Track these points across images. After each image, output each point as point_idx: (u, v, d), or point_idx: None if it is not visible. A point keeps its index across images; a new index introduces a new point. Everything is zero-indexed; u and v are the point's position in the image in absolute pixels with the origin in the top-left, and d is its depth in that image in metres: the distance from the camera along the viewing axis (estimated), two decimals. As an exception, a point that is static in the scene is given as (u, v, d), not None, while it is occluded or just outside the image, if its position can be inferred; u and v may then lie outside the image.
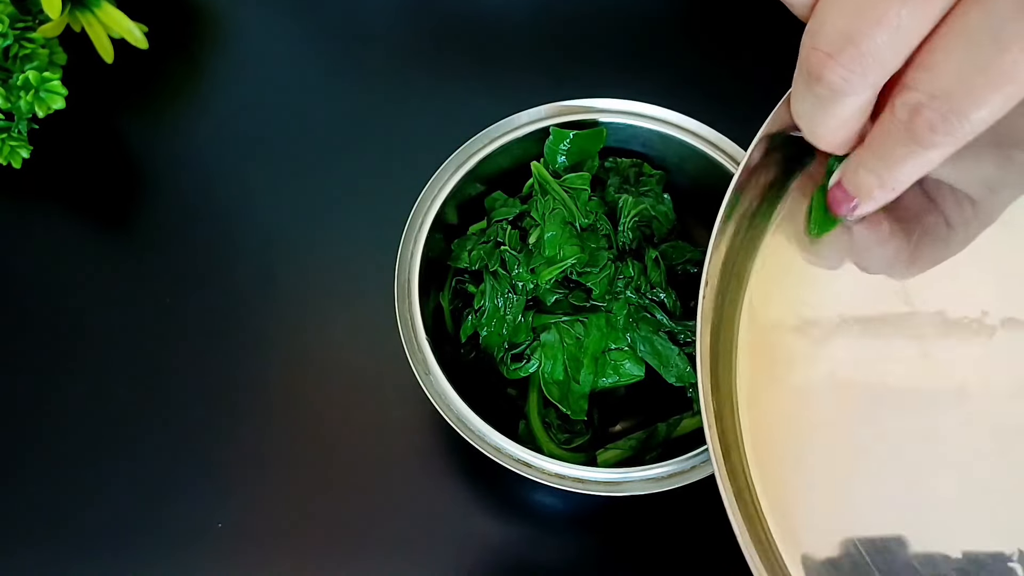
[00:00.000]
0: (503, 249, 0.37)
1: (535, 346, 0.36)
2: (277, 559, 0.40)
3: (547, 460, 0.33)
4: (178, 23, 0.51)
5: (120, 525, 0.40)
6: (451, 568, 0.39)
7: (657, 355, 0.36)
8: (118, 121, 0.49)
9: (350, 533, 0.40)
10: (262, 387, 0.43)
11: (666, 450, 0.36)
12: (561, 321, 0.36)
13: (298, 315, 0.44)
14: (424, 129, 0.48)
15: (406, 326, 0.35)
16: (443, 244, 0.39)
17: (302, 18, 0.51)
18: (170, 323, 0.44)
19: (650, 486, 0.32)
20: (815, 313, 0.29)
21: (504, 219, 0.38)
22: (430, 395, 0.33)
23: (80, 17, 0.47)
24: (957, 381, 0.28)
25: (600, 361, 0.36)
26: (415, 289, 0.35)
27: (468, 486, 0.41)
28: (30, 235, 0.46)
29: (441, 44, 0.50)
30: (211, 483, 0.41)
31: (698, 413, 0.36)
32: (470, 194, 0.39)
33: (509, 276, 0.36)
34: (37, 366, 0.43)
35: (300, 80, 0.50)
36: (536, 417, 0.36)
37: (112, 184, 0.47)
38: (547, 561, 0.39)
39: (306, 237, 0.46)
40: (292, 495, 0.41)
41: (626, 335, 0.36)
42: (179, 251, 0.45)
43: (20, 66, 0.43)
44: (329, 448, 0.41)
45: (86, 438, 0.42)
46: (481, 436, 0.33)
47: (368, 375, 0.42)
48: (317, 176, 0.47)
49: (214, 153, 0.48)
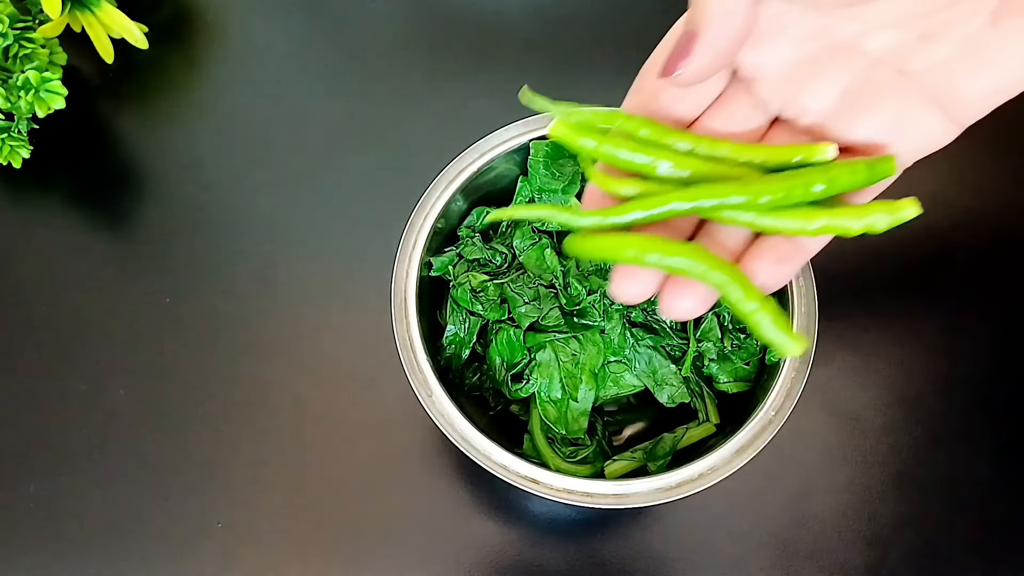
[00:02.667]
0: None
1: (532, 366, 0.36)
2: (277, 559, 0.40)
3: (554, 475, 0.33)
4: (178, 23, 0.51)
5: (120, 525, 0.40)
6: (451, 568, 0.40)
7: (652, 374, 0.36)
8: (118, 121, 0.49)
9: (350, 533, 0.40)
10: (262, 387, 0.43)
11: (673, 459, 0.36)
12: (556, 339, 0.36)
13: (298, 315, 0.44)
14: (424, 129, 0.48)
15: (405, 348, 0.34)
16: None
17: (302, 18, 0.51)
18: (170, 323, 0.44)
19: (658, 496, 0.32)
20: None
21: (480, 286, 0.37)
22: (433, 416, 0.33)
23: (80, 17, 0.46)
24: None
25: (600, 375, 0.36)
26: (412, 310, 0.35)
27: (468, 486, 0.41)
28: (30, 235, 0.46)
29: (441, 45, 0.50)
30: (211, 483, 0.41)
31: (704, 422, 0.36)
32: (462, 208, 0.39)
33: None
34: (37, 366, 0.43)
35: (300, 80, 0.50)
36: (539, 433, 0.36)
37: (112, 184, 0.47)
38: (547, 561, 0.40)
39: (306, 237, 0.46)
40: (292, 495, 0.41)
41: (623, 351, 0.36)
42: (179, 251, 0.45)
43: (20, 66, 0.43)
44: (329, 448, 0.42)
45: (86, 438, 0.42)
46: (487, 455, 0.33)
47: (368, 375, 0.43)
48: (317, 175, 0.47)
49: (214, 153, 0.48)
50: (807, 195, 0.26)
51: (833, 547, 0.40)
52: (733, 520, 0.40)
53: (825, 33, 0.27)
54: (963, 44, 0.25)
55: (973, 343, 0.44)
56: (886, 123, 0.27)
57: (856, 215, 0.26)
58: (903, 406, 0.42)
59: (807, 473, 0.41)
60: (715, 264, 0.24)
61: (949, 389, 0.43)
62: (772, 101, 0.29)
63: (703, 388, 0.37)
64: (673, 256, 0.24)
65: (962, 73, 0.25)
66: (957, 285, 0.45)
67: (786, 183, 0.25)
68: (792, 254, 0.28)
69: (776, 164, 0.27)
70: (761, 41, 0.27)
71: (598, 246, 0.25)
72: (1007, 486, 0.41)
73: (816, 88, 0.28)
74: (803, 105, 0.28)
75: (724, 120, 0.29)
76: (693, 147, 0.27)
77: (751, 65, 0.28)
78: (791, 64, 0.28)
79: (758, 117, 0.29)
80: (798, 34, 0.27)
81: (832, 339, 0.43)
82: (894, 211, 0.26)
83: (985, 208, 0.46)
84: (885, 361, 0.43)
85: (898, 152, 0.27)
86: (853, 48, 0.27)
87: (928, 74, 0.26)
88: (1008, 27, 0.24)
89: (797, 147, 0.27)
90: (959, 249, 0.46)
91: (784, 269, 0.28)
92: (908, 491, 0.41)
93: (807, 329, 0.34)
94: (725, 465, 0.32)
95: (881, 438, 0.42)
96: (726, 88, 0.29)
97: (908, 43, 0.26)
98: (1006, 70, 0.25)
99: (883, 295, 0.44)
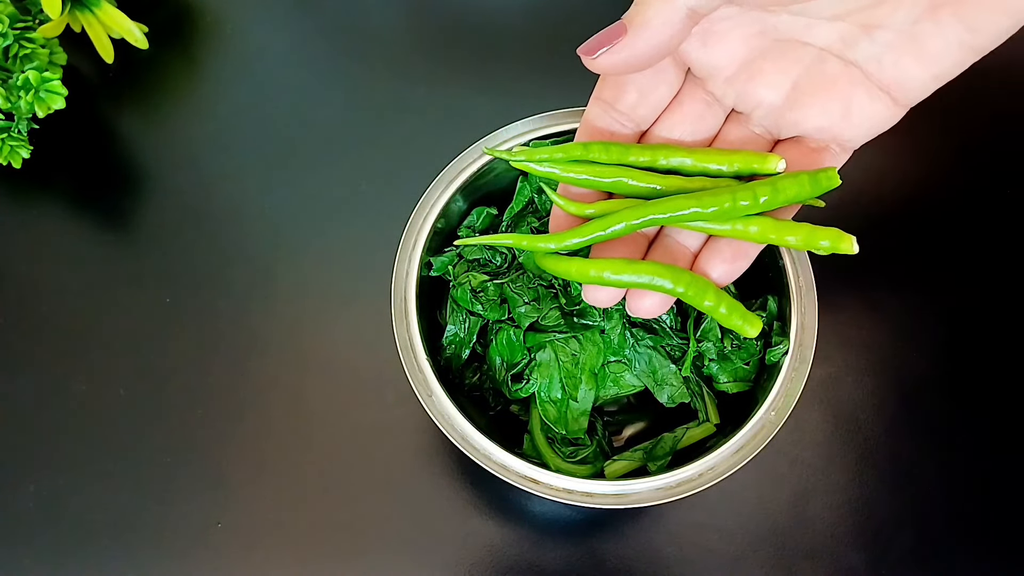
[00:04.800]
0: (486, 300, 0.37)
1: (532, 366, 0.36)
2: (277, 559, 0.40)
3: (554, 476, 0.32)
4: (178, 23, 0.51)
5: (120, 525, 0.40)
6: (451, 568, 0.40)
7: (652, 374, 0.36)
8: (118, 121, 0.49)
9: (350, 533, 0.40)
10: (262, 387, 0.43)
11: (673, 459, 0.36)
12: (556, 339, 0.36)
13: (298, 315, 0.44)
14: (424, 129, 0.48)
15: (405, 348, 0.34)
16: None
17: (302, 19, 0.51)
18: (170, 323, 0.44)
19: (659, 496, 0.32)
20: None
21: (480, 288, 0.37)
22: (433, 416, 0.33)
23: (80, 17, 0.47)
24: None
25: (600, 375, 0.36)
26: (412, 310, 0.35)
27: (468, 486, 0.41)
28: (30, 235, 0.46)
29: (441, 45, 0.50)
30: (211, 483, 0.41)
31: (704, 422, 0.36)
32: (462, 208, 0.39)
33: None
34: (37, 366, 0.43)
35: (300, 81, 0.50)
36: (539, 433, 0.36)
37: (112, 184, 0.47)
38: (547, 561, 0.40)
39: (306, 237, 0.46)
40: (292, 495, 0.41)
41: (623, 351, 0.36)
42: (179, 251, 0.45)
43: (20, 66, 0.43)
44: (329, 448, 0.42)
45: (86, 438, 0.42)
46: (487, 455, 0.33)
47: (368, 375, 0.43)
48: (317, 176, 0.47)
49: (214, 153, 0.48)
50: (753, 207, 0.28)
51: (833, 547, 0.40)
52: (734, 520, 0.40)
53: (773, 29, 0.28)
54: (904, 32, 0.26)
55: (973, 343, 0.44)
56: (836, 110, 0.29)
57: (784, 228, 0.29)
58: (903, 406, 0.42)
59: (807, 473, 0.41)
60: (665, 274, 0.28)
61: (949, 388, 0.43)
62: (726, 97, 0.30)
63: (703, 388, 0.36)
64: (625, 273, 0.28)
65: (904, 59, 0.27)
66: (958, 285, 0.45)
67: (732, 195, 0.28)
68: (742, 254, 0.30)
69: (733, 173, 0.30)
70: (711, 41, 0.28)
71: (565, 268, 0.29)
72: (1007, 486, 0.41)
73: (768, 82, 0.29)
74: (756, 99, 0.30)
75: (682, 118, 0.30)
76: (651, 159, 0.30)
77: (703, 64, 0.29)
78: (741, 61, 0.29)
79: (714, 113, 0.31)
80: (746, 32, 0.28)
81: (832, 339, 0.43)
82: (829, 238, 0.29)
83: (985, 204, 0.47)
84: (885, 361, 0.43)
85: (849, 136, 0.29)
86: (800, 41, 0.28)
87: (872, 62, 0.27)
88: (944, 14, 0.25)
89: (752, 157, 0.29)
90: (959, 250, 0.46)
91: (736, 265, 0.30)
92: (908, 491, 0.41)
93: (807, 329, 0.34)
94: (725, 465, 0.32)
95: (881, 438, 0.42)
96: (682, 87, 0.30)
97: (852, 33, 0.27)
98: (945, 55, 0.26)
99: (884, 295, 0.44)
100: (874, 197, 0.46)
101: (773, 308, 0.36)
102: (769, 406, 0.33)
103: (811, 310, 0.34)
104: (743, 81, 0.29)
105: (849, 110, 0.28)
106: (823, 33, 0.28)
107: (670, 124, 0.31)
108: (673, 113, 0.30)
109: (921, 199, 0.47)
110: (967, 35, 0.25)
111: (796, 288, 0.35)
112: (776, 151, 0.31)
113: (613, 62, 0.26)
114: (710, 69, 0.29)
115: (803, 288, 0.35)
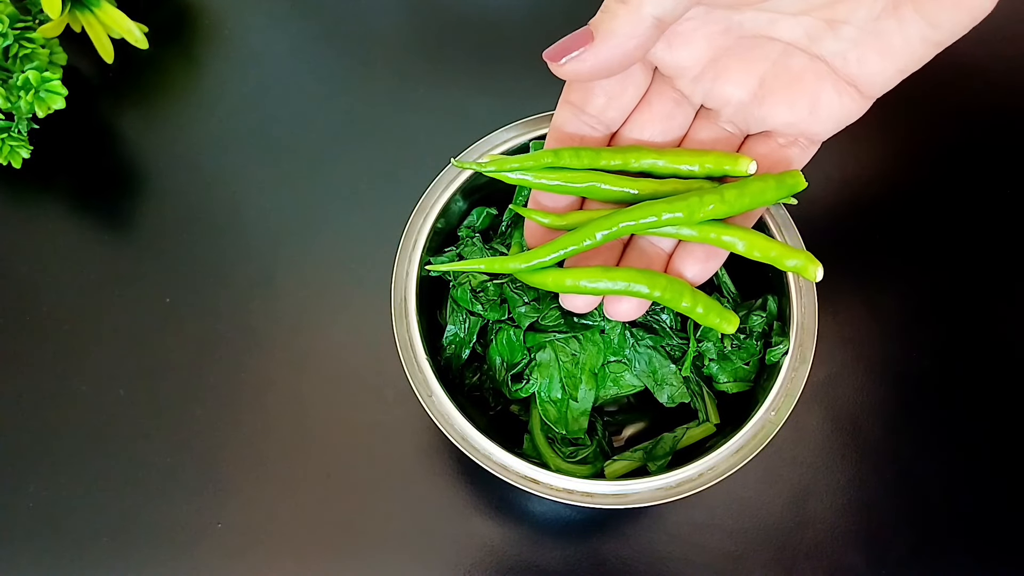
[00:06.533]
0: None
1: (532, 366, 0.36)
2: (277, 559, 0.40)
3: (554, 476, 0.32)
4: (178, 23, 0.51)
5: (120, 525, 0.40)
6: (451, 568, 0.40)
7: (652, 374, 0.36)
8: (118, 121, 0.49)
9: (350, 533, 0.40)
10: (262, 387, 0.43)
11: (673, 459, 0.36)
12: (556, 339, 0.36)
13: (298, 315, 0.44)
14: (424, 129, 0.48)
15: (405, 348, 0.34)
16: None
17: (302, 19, 0.51)
18: (170, 323, 0.44)
19: (659, 496, 0.32)
20: None
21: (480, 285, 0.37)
22: (433, 416, 0.33)
23: (80, 17, 0.47)
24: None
25: (600, 375, 0.36)
26: (412, 310, 0.35)
27: (468, 486, 0.41)
28: (30, 235, 0.46)
29: (442, 44, 0.50)
30: (211, 483, 0.41)
31: (704, 422, 0.36)
32: (462, 208, 0.39)
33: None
34: (37, 366, 0.43)
35: (300, 80, 0.50)
36: (540, 433, 0.36)
37: (112, 184, 0.47)
38: (547, 561, 0.40)
39: (306, 237, 0.46)
40: (292, 495, 0.41)
41: (623, 351, 0.36)
42: (179, 251, 0.45)
43: (20, 66, 0.43)
44: (329, 448, 0.42)
45: (86, 438, 0.42)
46: (487, 455, 0.33)
47: (368, 375, 0.43)
48: (317, 176, 0.47)
49: (214, 153, 0.48)
50: (719, 210, 0.29)
51: (833, 547, 0.40)
52: (733, 520, 0.40)
53: (738, 26, 0.28)
54: (866, 28, 0.27)
55: (973, 343, 0.44)
56: (804, 105, 0.29)
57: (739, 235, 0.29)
58: (903, 406, 0.42)
59: (807, 473, 0.41)
60: (641, 280, 0.28)
61: (949, 389, 0.43)
62: (694, 95, 0.30)
63: (703, 388, 0.36)
64: (602, 281, 0.29)
65: (869, 54, 0.27)
66: (958, 285, 0.45)
67: (700, 198, 0.29)
68: (713, 253, 0.30)
69: (705, 174, 0.30)
70: (676, 42, 0.29)
71: (541, 279, 0.29)
72: (1007, 486, 0.41)
73: (734, 80, 0.29)
74: (724, 97, 0.30)
75: (651, 117, 0.31)
76: (622, 163, 0.30)
77: (670, 64, 0.29)
78: (707, 60, 0.29)
79: (684, 111, 0.31)
80: (711, 31, 0.29)
81: (832, 339, 0.43)
82: (799, 258, 0.29)
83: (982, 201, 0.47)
84: (885, 361, 0.43)
85: (817, 130, 0.30)
86: (766, 36, 0.29)
87: (837, 56, 0.28)
88: (906, 11, 0.26)
89: (723, 158, 0.30)
90: (960, 250, 0.46)
91: (709, 264, 0.30)
92: (908, 491, 0.41)
93: (807, 329, 0.34)
94: (725, 465, 0.32)
95: (881, 438, 0.42)
96: (650, 85, 0.30)
97: (817, 28, 0.28)
98: (908, 49, 0.27)
99: (884, 295, 0.44)
100: (874, 197, 0.46)
101: (773, 308, 0.36)
102: (769, 406, 0.33)
103: (811, 310, 0.34)
104: (710, 80, 0.29)
105: (816, 105, 0.29)
106: (788, 28, 0.28)
107: (640, 124, 0.31)
108: (642, 113, 0.31)
109: (922, 199, 0.47)
110: (928, 30, 0.26)
111: (796, 288, 0.35)
112: (746, 146, 0.31)
113: (578, 70, 0.27)
114: (676, 70, 0.29)
115: (803, 288, 0.35)
